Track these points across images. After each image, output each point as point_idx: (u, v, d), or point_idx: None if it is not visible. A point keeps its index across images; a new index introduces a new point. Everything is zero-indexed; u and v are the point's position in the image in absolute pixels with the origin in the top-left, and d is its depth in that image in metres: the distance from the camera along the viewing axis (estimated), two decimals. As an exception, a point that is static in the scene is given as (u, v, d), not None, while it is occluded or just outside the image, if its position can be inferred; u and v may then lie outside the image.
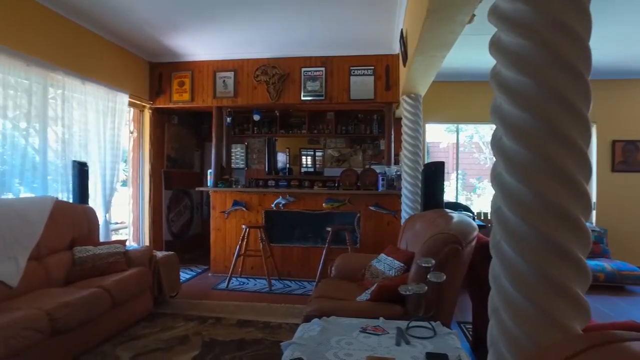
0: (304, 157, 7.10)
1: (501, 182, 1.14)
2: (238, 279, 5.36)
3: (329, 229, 4.99)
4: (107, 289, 3.29)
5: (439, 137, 9.11)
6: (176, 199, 6.55)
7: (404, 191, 4.75)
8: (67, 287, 3.41)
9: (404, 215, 4.69)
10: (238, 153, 6.94)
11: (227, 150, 6.12)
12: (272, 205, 5.49)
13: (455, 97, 6.29)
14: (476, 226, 2.70)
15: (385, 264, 3.18)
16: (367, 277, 3.25)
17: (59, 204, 3.75)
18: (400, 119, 4.97)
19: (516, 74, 1.08)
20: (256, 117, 6.38)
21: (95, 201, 4.54)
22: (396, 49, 5.21)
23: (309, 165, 7.10)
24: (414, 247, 3.08)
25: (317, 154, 7.10)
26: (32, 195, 3.84)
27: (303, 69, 5.62)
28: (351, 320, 2.02)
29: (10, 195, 3.61)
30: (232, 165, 6.49)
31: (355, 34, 4.98)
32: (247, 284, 5.26)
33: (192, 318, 3.93)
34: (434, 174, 3.82)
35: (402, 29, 4.33)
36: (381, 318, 2.04)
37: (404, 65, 4.31)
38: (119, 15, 4.46)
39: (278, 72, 5.63)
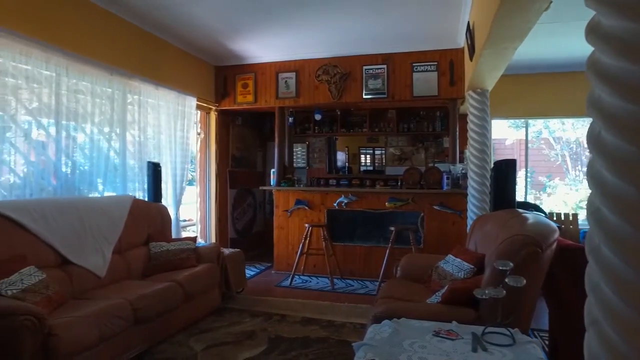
0: (362, 156, 7.05)
1: (600, 180, 1.04)
2: (301, 277, 5.43)
3: (392, 228, 4.91)
4: (180, 283, 3.47)
5: (504, 133, 8.68)
6: (240, 198, 6.77)
7: (470, 190, 4.56)
8: (144, 279, 3.63)
9: (471, 215, 4.50)
10: (299, 152, 7.04)
11: (289, 149, 6.23)
12: (335, 204, 5.50)
13: (524, 91, 5.93)
14: (556, 228, 2.52)
15: (454, 265, 3.07)
16: (435, 279, 3.16)
17: (136, 202, 4.02)
18: (465, 115, 4.77)
19: (619, 61, 0.98)
20: (317, 117, 6.43)
21: (166, 200, 4.80)
22: (461, 42, 5.01)
23: (368, 164, 7.05)
24: (484, 249, 2.95)
25: (377, 152, 7.02)
26: (114, 194, 4.13)
27: (364, 67, 5.58)
28: (422, 323, 1.96)
29: (95, 194, 3.92)
30: (294, 165, 6.58)
31: (417, 29, 4.85)
32: (310, 282, 5.31)
33: (257, 314, 4.04)
34: (504, 172, 3.63)
35: (468, 22, 4.15)
36: (454, 322, 1.96)
37: (471, 59, 4.13)
38: (189, 24, 4.68)
39: (339, 71, 5.62)
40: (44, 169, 3.45)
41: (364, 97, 5.59)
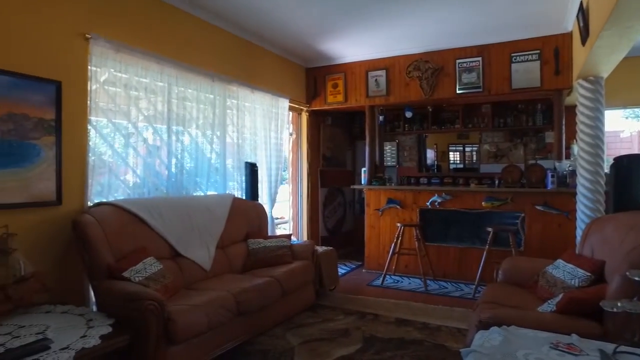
0: (451, 153, 6.76)
1: None
2: (392, 276, 5.36)
3: (489, 229, 4.64)
4: (277, 279, 3.61)
5: (617, 124, 7.74)
6: (331, 197, 6.87)
7: (580, 189, 4.13)
8: (244, 274, 3.84)
9: (581, 217, 4.08)
10: (389, 151, 6.95)
11: (380, 148, 6.18)
12: (427, 204, 5.34)
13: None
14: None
15: (565, 271, 2.81)
16: (542, 285, 2.91)
17: (236, 201, 4.27)
18: (572, 107, 4.33)
19: None
20: (408, 114, 6.30)
21: (262, 198, 5.03)
22: (569, 26, 4.57)
23: (458, 162, 6.74)
24: (604, 255, 2.65)
25: (467, 149, 6.69)
26: (215, 192, 4.43)
27: (458, 61, 5.33)
28: (536, 333, 1.82)
29: (199, 193, 4.24)
30: (385, 163, 6.51)
31: (516, 16, 4.51)
32: (402, 282, 5.22)
33: (350, 312, 4.06)
34: (627, 168, 3.23)
35: (581, 1, 3.75)
36: (574, 335, 1.78)
37: (583, 43, 3.74)
38: (281, 29, 4.86)
39: (431, 67, 5.44)
40: (158, 170, 3.81)
41: (458, 92, 5.35)
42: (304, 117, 6.29)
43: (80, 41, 3.15)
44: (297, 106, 6.07)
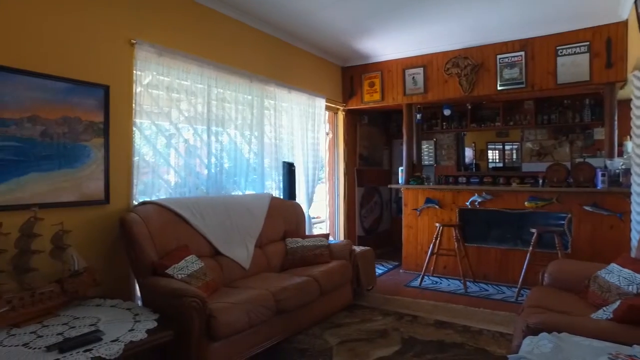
0: (490, 152, 6.56)
1: None
2: (430, 277, 5.26)
3: (533, 230, 4.46)
4: (316, 278, 3.61)
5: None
6: (367, 196, 6.83)
7: (634, 189, 3.89)
8: (282, 273, 3.87)
9: (637, 219, 3.85)
10: (427, 150, 6.83)
11: (417, 147, 6.07)
12: (467, 203, 5.20)
13: None
14: None
15: (621, 277, 2.66)
16: (594, 291, 2.77)
17: (274, 200, 4.31)
18: (625, 101, 4.08)
19: None
20: (446, 112, 6.17)
21: (299, 197, 5.05)
22: (624, 14, 4.31)
23: (497, 160, 6.53)
24: (664, 259, 2.48)
25: (507, 147, 6.47)
26: (253, 192, 4.49)
27: (499, 56, 5.15)
28: (591, 341, 1.72)
29: (238, 192, 4.31)
30: (422, 162, 6.40)
31: (563, 6, 4.30)
32: (440, 283, 5.12)
33: (388, 313, 4.02)
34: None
35: (637, -12, 3.53)
36: (635, 346, 1.67)
37: (640, 32, 3.52)
38: (318, 29, 4.87)
39: (470, 63, 5.29)
40: (198, 170, 3.90)
41: (499, 88, 5.17)
42: (340, 116, 6.28)
43: (127, 47, 3.27)
44: (333, 105, 6.07)
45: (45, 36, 2.78)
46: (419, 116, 5.97)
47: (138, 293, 3.24)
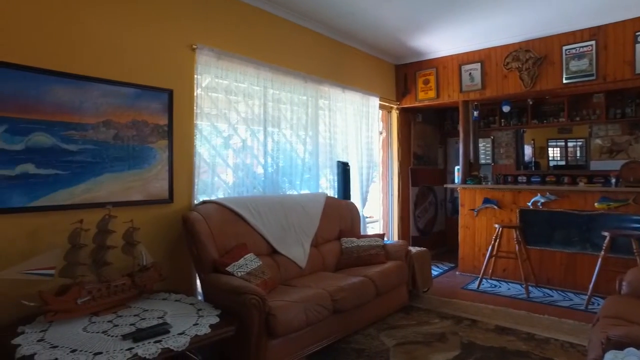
0: (551, 149, 6.18)
1: None
2: (488, 280, 5.06)
3: (605, 233, 4.16)
4: (372, 278, 3.58)
5: None
6: (422, 196, 6.68)
7: None
8: (337, 273, 3.88)
9: None
10: (484, 148, 6.57)
11: (474, 145, 5.85)
12: (529, 204, 4.95)
13: None
14: None
15: None
16: (680, 300, 2.53)
17: (329, 200, 4.33)
18: None
19: None
20: (505, 109, 5.90)
21: (353, 197, 5.04)
22: None
23: (558, 158, 6.14)
24: None
25: (570, 144, 6.07)
26: (307, 191, 4.53)
27: (564, 47, 4.85)
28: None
29: (293, 192, 4.36)
30: (479, 161, 6.17)
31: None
32: (499, 287, 4.90)
33: (446, 316, 3.91)
34: None
35: None
36: None
37: None
38: (371, 27, 4.82)
39: (533, 56, 5.02)
40: (255, 170, 4.00)
41: (564, 82, 4.87)
42: (394, 115, 6.19)
43: (188, 52, 3.42)
44: (387, 104, 6.00)
45: (117, 47, 2.97)
46: (475, 113, 5.76)
47: (199, 288, 3.38)
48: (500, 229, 4.82)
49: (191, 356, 2.53)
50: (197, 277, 3.28)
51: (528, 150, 6.38)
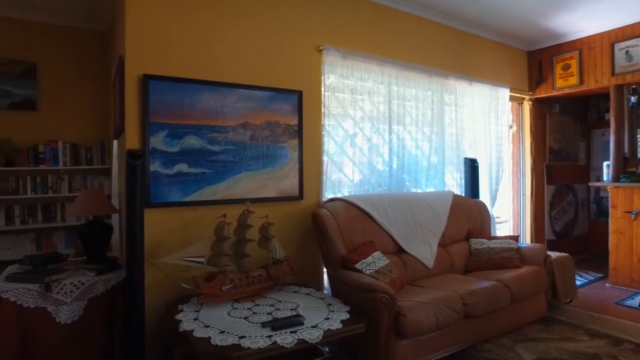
0: None
1: None
2: (652, 296, 4.31)
3: None
4: (506, 283, 3.30)
5: None
6: (559, 195, 5.98)
7: None
8: (467, 275, 3.66)
9: None
10: (641, 140, 5.62)
11: (630, 136, 5.02)
12: None
13: None
14: None
15: None
16: None
17: (456, 198, 4.12)
18: None
19: None
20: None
21: (482, 196, 4.71)
22: None
23: None
24: None
25: None
26: (433, 189, 4.36)
27: None
28: None
29: (418, 190, 4.24)
30: (637, 155, 5.29)
31: None
32: (667, 305, 4.14)
33: (597, 334, 3.42)
34: None
35: None
36: None
37: None
38: (499, 13, 4.45)
39: None
40: (380, 168, 3.97)
41: None
42: (527, 106, 5.64)
43: (315, 53, 3.53)
44: (517, 95, 5.49)
45: (252, 55, 3.22)
46: (633, 99, 4.92)
47: (325, 283, 3.47)
48: (667, 235, 4.07)
49: (321, 349, 2.61)
50: (324, 272, 3.37)
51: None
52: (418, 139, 4.22)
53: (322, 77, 3.55)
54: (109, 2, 3.67)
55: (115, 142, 3.62)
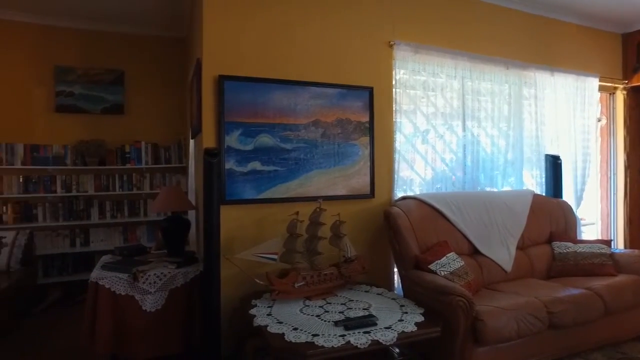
0: None
1: None
2: None
3: None
4: (598, 292, 3.00)
5: None
6: (658, 195, 5.37)
7: None
8: (550, 281, 3.38)
9: None
10: None
11: None
12: None
13: None
14: None
15: None
16: None
17: (536, 198, 3.84)
18: None
19: None
20: None
21: (565, 195, 4.35)
22: None
23: None
24: None
25: None
26: (509, 188, 4.10)
27: None
28: None
29: (494, 188, 4.00)
30: None
31: None
32: None
33: None
34: None
35: None
36: None
37: None
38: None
39: None
40: (454, 165, 3.81)
41: None
42: (620, 96, 5.11)
43: (386, 49, 3.46)
44: (609, 84, 4.99)
45: (323, 53, 3.23)
46: None
47: (396, 283, 3.39)
48: None
49: (393, 351, 2.55)
50: (395, 272, 3.29)
51: None
52: (494, 135, 3.99)
53: (393, 73, 3.47)
54: (187, 9, 3.87)
55: (192, 141, 3.80)
